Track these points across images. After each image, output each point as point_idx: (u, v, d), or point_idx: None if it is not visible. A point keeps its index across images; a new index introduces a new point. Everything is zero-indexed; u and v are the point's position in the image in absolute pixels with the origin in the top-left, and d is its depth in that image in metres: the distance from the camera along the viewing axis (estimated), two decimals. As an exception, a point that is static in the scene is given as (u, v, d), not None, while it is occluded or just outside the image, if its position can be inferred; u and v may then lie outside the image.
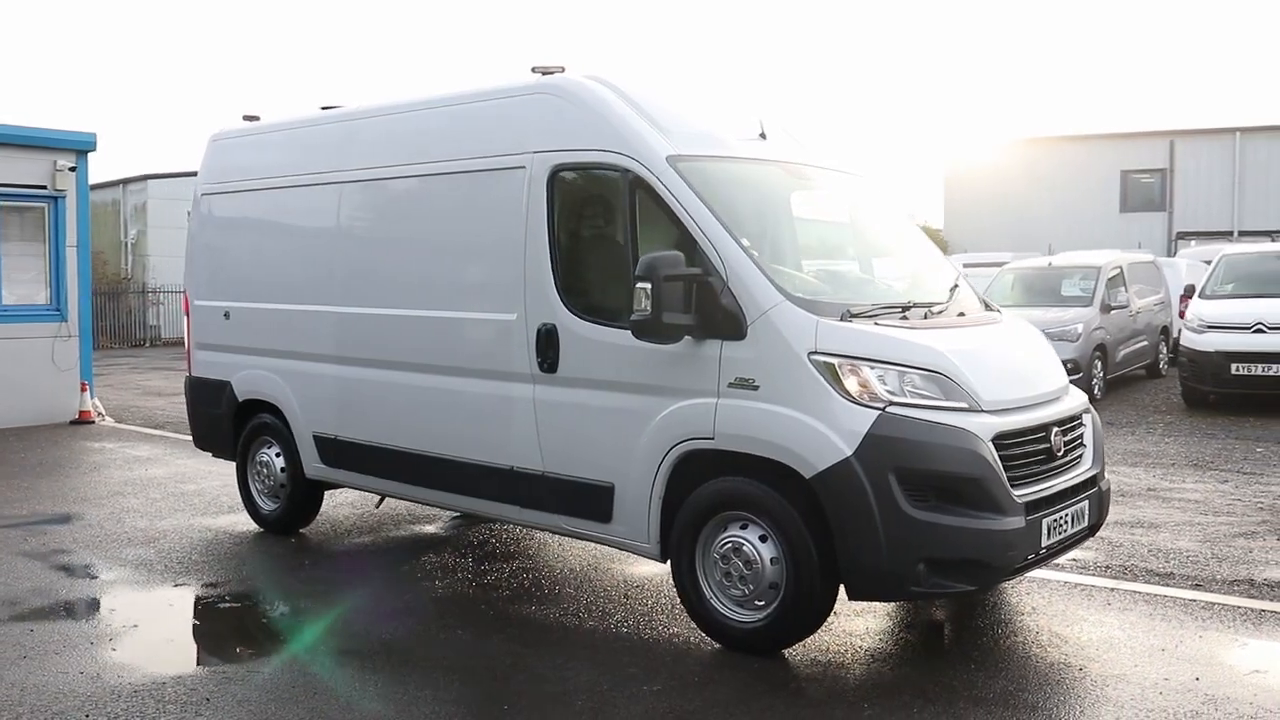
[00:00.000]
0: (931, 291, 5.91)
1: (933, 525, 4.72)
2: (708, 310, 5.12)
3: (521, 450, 5.93)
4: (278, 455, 7.66)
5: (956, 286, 6.11)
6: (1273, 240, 32.08)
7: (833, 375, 4.88)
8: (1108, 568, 6.64)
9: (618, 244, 5.68)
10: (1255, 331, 13.24)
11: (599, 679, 4.86)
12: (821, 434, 4.82)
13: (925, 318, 5.45)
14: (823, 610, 5.05)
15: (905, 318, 5.34)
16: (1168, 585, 6.25)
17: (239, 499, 8.71)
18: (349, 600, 6.14)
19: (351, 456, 7.02)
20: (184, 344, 8.71)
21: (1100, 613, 5.73)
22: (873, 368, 4.90)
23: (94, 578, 6.69)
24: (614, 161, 5.58)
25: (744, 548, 5.10)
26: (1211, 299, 14.28)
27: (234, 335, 7.88)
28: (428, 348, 6.45)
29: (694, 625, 5.37)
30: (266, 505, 7.79)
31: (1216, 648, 5.19)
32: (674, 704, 4.57)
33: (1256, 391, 13.25)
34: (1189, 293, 15.52)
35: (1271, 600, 5.93)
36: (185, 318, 8.41)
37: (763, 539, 5.06)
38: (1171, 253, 32.16)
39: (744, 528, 5.13)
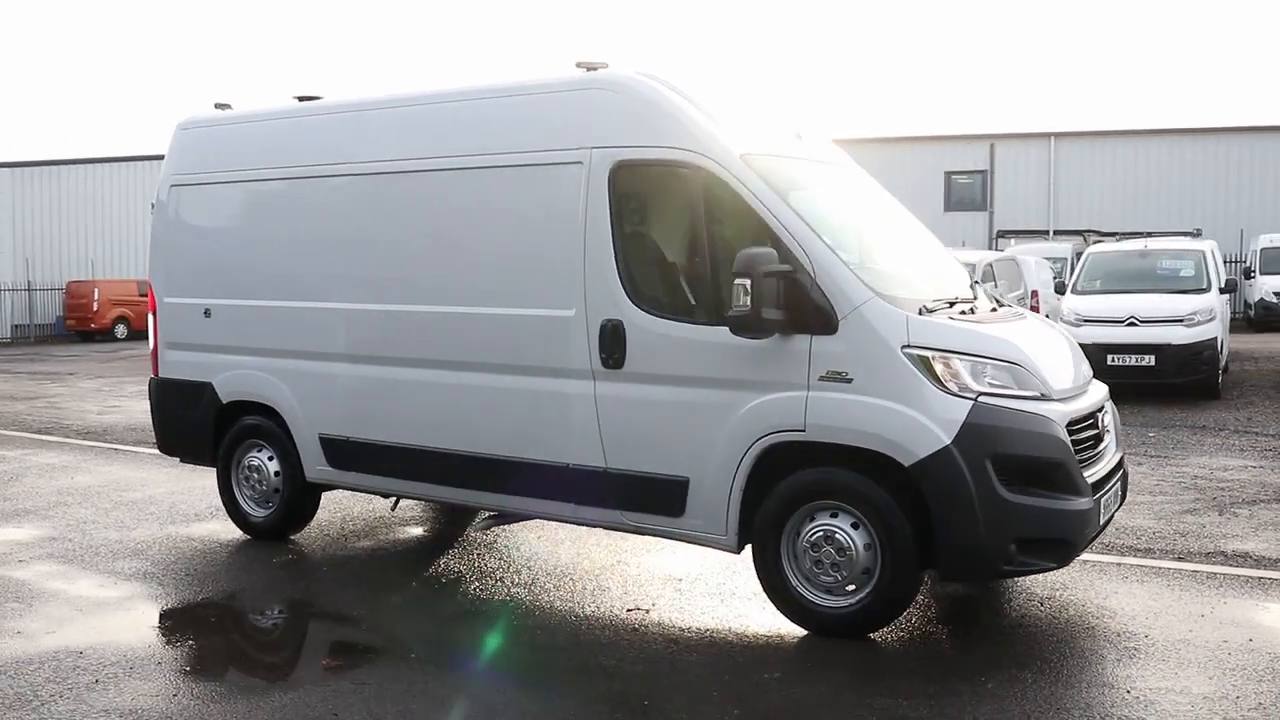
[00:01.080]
0: (959, 288, 6.22)
1: (1024, 507, 5.02)
2: (797, 305, 5.25)
3: (580, 447, 5.91)
4: (270, 459, 7.32)
5: (976, 282, 6.50)
6: (1085, 239, 34.46)
7: (927, 368, 5.10)
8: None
9: (689, 241, 5.75)
10: (1129, 325, 14.36)
11: (718, 673, 4.92)
12: (921, 424, 5.04)
13: (973, 312, 5.76)
14: (913, 593, 5.27)
15: (964, 312, 5.64)
16: (1155, 558, 6.78)
17: (201, 506, 8.34)
18: (416, 608, 5.97)
19: (367, 458, 6.79)
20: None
21: (1120, 585, 6.17)
22: (962, 360, 5.16)
23: (109, 593, 6.23)
24: (685, 159, 5.63)
25: (837, 535, 5.26)
26: (1084, 294, 15.40)
27: (216, 334, 7.47)
28: (469, 345, 6.31)
29: (756, 611, 5.50)
30: (256, 511, 7.43)
31: (1247, 612, 5.70)
32: (807, 689, 4.69)
33: (1131, 380, 14.38)
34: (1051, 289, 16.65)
35: (1257, 568, 6.53)
36: (151, 316, 7.90)
37: (854, 526, 5.24)
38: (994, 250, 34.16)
39: (834, 516, 5.30)
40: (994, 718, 4.34)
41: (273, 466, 7.31)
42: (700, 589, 6.19)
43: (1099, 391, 6.06)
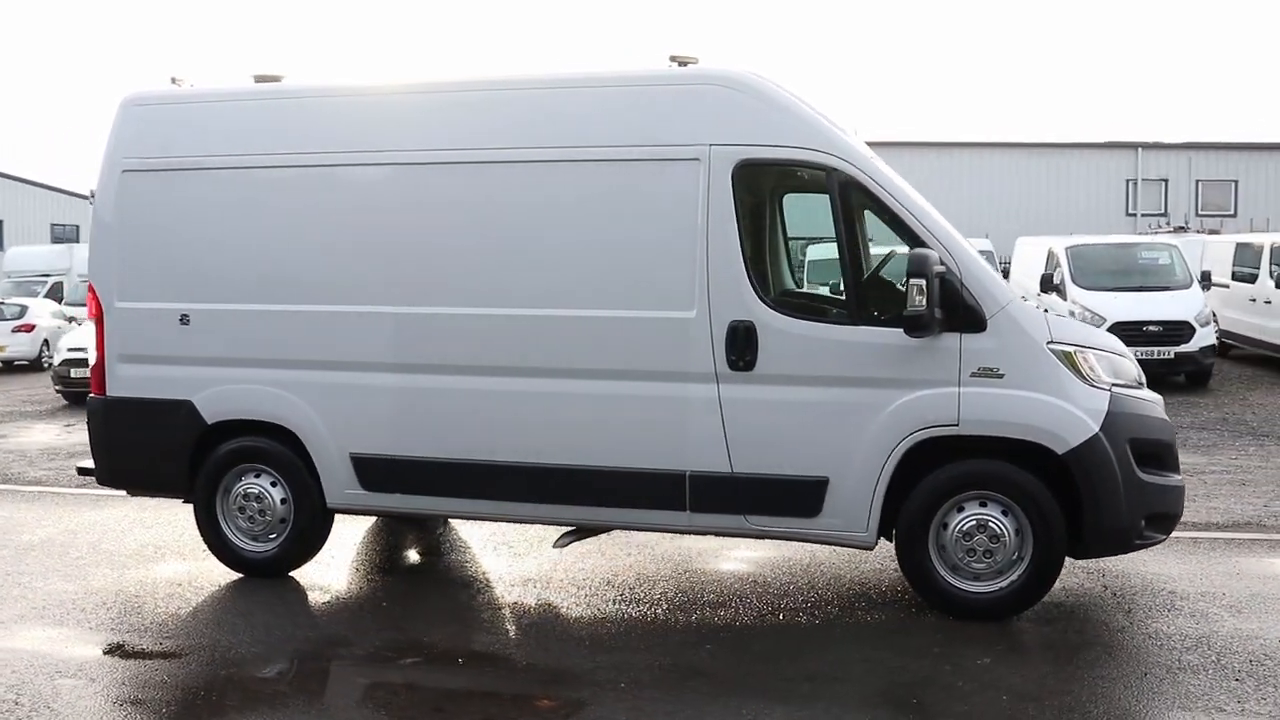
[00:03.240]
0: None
1: (1154, 486, 5.55)
2: (950, 305, 5.45)
3: (701, 453, 5.75)
4: (273, 485, 6.44)
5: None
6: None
7: (1070, 362, 5.49)
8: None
9: (827, 241, 5.77)
10: None
11: (937, 662, 5.02)
12: (1072, 414, 5.41)
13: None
14: (1059, 573, 5.63)
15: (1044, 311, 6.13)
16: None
17: (134, 546, 7.20)
18: (562, 639, 5.52)
19: (416, 477, 6.16)
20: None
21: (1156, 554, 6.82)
22: (1095, 354, 5.61)
23: (112, 653, 5.22)
24: (816, 159, 5.67)
25: (990, 524, 5.52)
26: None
27: (197, 344, 6.45)
28: (564, 350, 5.92)
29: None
30: (253, 547, 6.48)
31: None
32: (1028, 671, 4.91)
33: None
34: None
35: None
36: (95, 325, 6.65)
37: (1004, 514, 5.53)
38: None
39: (983, 506, 5.55)
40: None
41: (277, 494, 6.43)
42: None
43: None
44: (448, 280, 6.08)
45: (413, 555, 7.10)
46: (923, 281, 5.29)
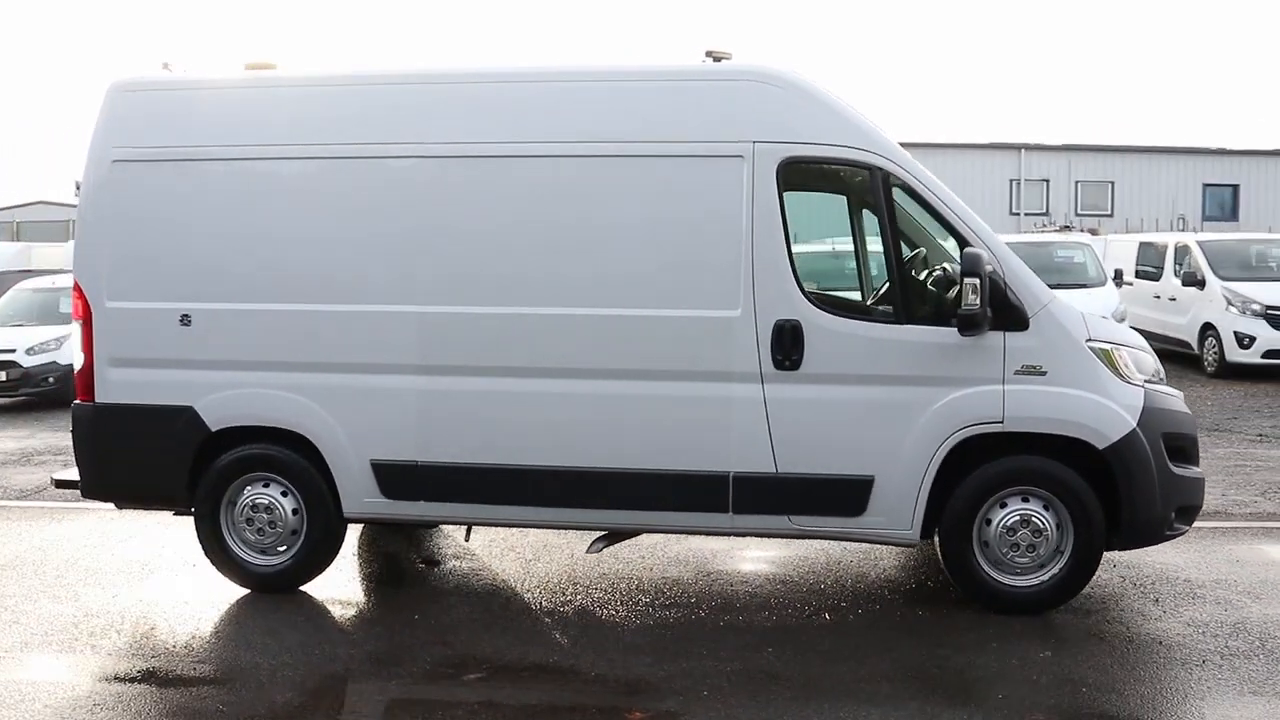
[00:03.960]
0: None
1: (1183, 479, 5.73)
2: (996, 304, 5.52)
3: (745, 453, 5.69)
4: (284, 494, 6.11)
5: None
6: None
7: (1108, 359, 5.63)
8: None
9: (869, 240, 5.77)
10: None
11: (1001, 656, 5.08)
12: (1112, 410, 5.55)
13: None
14: (1098, 566, 5.75)
15: None
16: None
17: (117, 562, 6.77)
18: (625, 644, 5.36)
19: (442, 484, 5.93)
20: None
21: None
22: (1129, 351, 5.76)
23: (147, 681, 4.88)
24: (862, 159, 5.68)
25: (1033, 519, 5.61)
26: None
27: (200, 346, 6.07)
28: (603, 350, 5.78)
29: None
30: (261, 560, 6.14)
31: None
32: (1092, 662, 5.01)
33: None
34: None
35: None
36: (82, 326, 6.18)
37: (1045, 508, 5.63)
38: None
39: (1025, 501, 5.64)
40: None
41: (288, 504, 6.10)
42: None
43: None
44: (479, 278, 5.86)
45: (420, 564, 6.83)
46: (977, 281, 5.34)
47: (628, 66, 5.95)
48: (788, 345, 5.62)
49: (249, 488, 6.15)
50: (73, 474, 6.72)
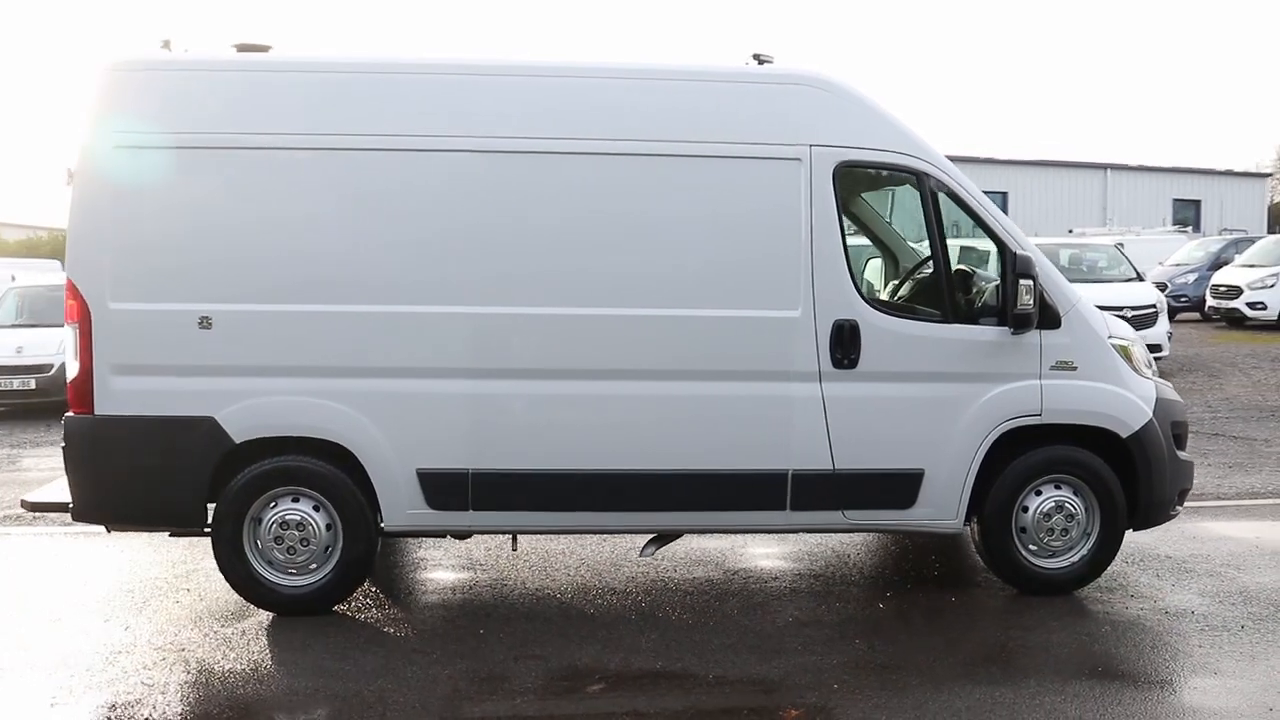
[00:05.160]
0: None
1: (1184, 463, 6.30)
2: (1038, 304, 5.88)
3: (804, 451, 5.79)
4: (315, 509, 5.69)
5: None
6: None
7: (1126, 355, 6.11)
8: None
9: (920, 243, 5.99)
10: None
11: (1066, 634, 5.39)
12: (1133, 401, 6.02)
13: None
14: (1120, 546, 6.18)
15: None
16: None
17: (105, 590, 6.16)
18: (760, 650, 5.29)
19: (495, 492, 5.70)
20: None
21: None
22: (1138, 347, 6.26)
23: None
24: (909, 164, 5.91)
25: (1065, 504, 6.00)
26: None
27: (222, 350, 5.57)
28: (666, 351, 5.72)
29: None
30: (291, 581, 5.70)
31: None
32: (1152, 638, 5.42)
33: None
34: None
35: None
36: (73, 329, 5.52)
37: (1075, 494, 6.03)
38: None
39: (1058, 488, 6.02)
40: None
41: (320, 519, 5.69)
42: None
43: None
44: (535, 278, 5.68)
45: (445, 574, 6.52)
46: (1030, 282, 5.69)
47: (686, 66, 5.93)
48: (846, 344, 5.76)
49: (276, 503, 5.70)
50: (48, 495, 6.07)
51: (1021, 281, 5.68)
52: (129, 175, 5.55)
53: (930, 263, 6.54)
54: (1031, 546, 6.04)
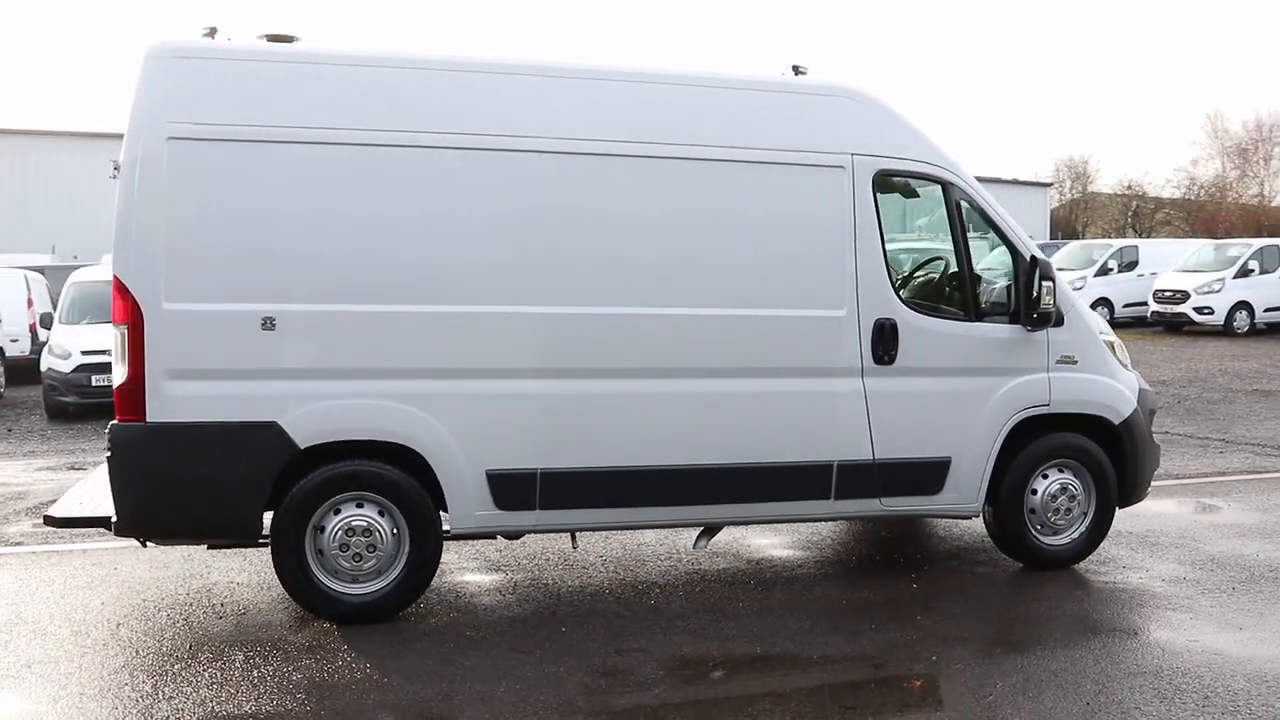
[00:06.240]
0: None
1: (1156, 446, 7.00)
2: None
3: (848, 442, 6.13)
4: (381, 515, 5.56)
5: None
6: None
7: (1113, 349, 6.77)
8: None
9: (944, 248, 6.41)
10: None
11: (1093, 603, 5.93)
12: (1122, 392, 6.68)
13: None
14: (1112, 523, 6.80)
15: None
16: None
17: (128, 607, 5.84)
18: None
19: (563, 491, 5.74)
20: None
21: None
22: (1120, 343, 6.94)
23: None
24: (935, 174, 6.35)
25: (1069, 487, 6.58)
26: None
27: (286, 353, 5.37)
28: (727, 350, 5.93)
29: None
30: (354, 590, 5.54)
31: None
32: (1174, 603, 6.03)
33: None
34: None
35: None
36: (123, 331, 5.16)
37: (1075, 476, 6.62)
38: None
39: (1061, 471, 6.59)
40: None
41: (385, 525, 5.56)
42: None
43: None
44: (600, 278, 5.77)
45: (477, 576, 6.44)
46: (1052, 284, 6.23)
47: (739, 74, 6.17)
48: (887, 341, 6.14)
49: (340, 510, 5.53)
50: (72, 508, 5.67)
51: (1045, 283, 6.21)
52: (185, 168, 5.27)
53: (932, 263, 7.04)
54: (1039, 526, 6.59)
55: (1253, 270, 23.55)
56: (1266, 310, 23.41)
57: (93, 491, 6.04)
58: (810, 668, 5.02)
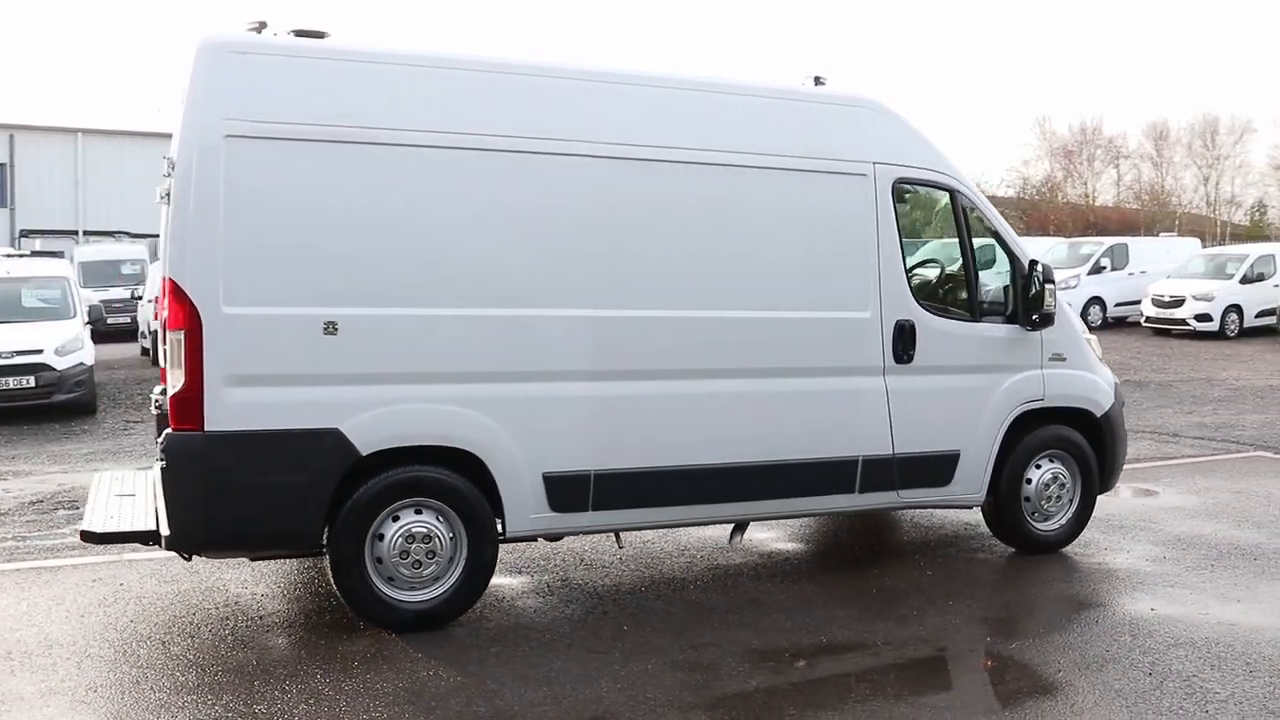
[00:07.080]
0: None
1: (1127, 433, 7.56)
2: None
3: (871, 438, 6.41)
4: (439, 520, 5.49)
5: None
6: (115, 239, 34.08)
7: (1092, 346, 7.27)
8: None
9: (954, 252, 6.77)
10: None
11: (1097, 583, 6.39)
12: (1103, 386, 7.21)
13: None
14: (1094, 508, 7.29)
15: None
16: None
17: (186, 618, 5.64)
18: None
19: (615, 491, 5.81)
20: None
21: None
22: (1092, 337, 7.46)
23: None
24: (944, 182, 6.72)
25: (1059, 476, 7.04)
26: None
27: (349, 358, 5.26)
28: (762, 351, 6.13)
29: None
30: (412, 597, 5.45)
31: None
32: (1170, 578, 6.52)
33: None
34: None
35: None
36: (179, 337, 4.93)
37: (1063, 465, 7.09)
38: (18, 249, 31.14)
39: (1051, 461, 7.05)
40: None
41: (444, 531, 5.50)
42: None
43: None
44: (651, 282, 5.87)
45: (509, 579, 6.40)
46: (1053, 286, 6.65)
47: (768, 83, 6.36)
48: (907, 342, 6.45)
49: (398, 516, 5.44)
50: (107, 521, 5.41)
51: (1048, 286, 6.64)
52: (244, 167, 5.10)
53: (925, 266, 7.41)
54: (1033, 513, 7.03)
55: (1105, 267, 25.36)
56: (1117, 305, 25.26)
57: (118, 504, 5.76)
58: (881, 651, 5.27)
